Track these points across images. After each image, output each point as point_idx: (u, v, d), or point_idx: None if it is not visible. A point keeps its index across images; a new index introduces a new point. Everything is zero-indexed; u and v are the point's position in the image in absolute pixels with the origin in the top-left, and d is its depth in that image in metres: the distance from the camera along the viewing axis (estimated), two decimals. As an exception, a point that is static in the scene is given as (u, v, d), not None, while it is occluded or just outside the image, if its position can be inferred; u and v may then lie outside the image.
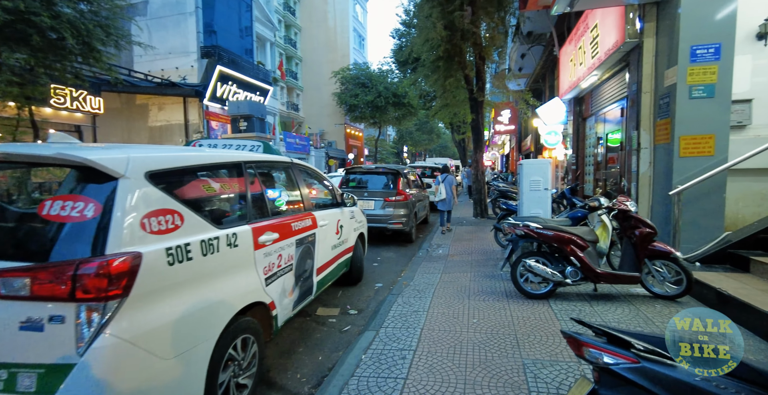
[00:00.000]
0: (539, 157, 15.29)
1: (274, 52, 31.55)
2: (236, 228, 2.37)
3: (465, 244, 7.24)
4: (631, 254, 3.89)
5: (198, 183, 2.25)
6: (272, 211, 2.93)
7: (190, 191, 2.16)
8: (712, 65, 4.41)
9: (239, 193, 2.61)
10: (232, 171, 2.61)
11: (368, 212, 7.30)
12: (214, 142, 3.85)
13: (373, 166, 7.76)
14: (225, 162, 2.51)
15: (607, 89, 7.11)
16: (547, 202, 5.16)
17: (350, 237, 4.63)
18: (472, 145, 10.54)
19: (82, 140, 14.60)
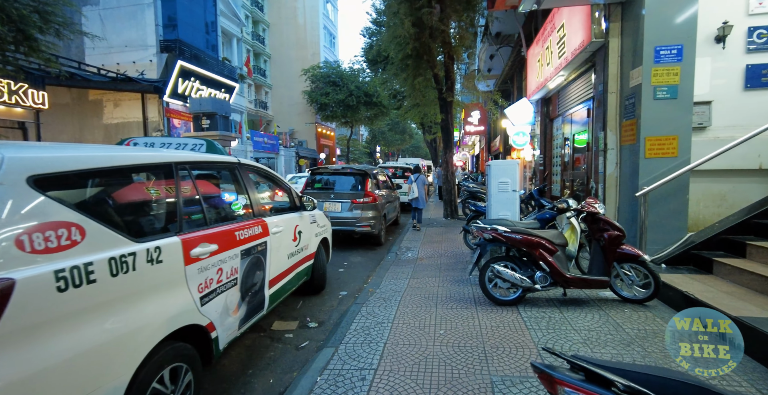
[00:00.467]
0: (508, 158, 15.44)
1: (241, 48, 30.52)
2: (161, 241, 2.02)
3: (434, 246, 7.06)
4: (600, 257, 3.80)
5: (110, 188, 1.89)
6: (211, 219, 2.58)
7: (98, 199, 1.80)
8: (674, 66, 4.41)
9: (167, 199, 2.25)
10: (159, 173, 2.25)
11: (335, 215, 7.00)
12: (152, 139, 3.45)
13: (339, 166, 7.44)
14: (149, 163, 2.15)
15: (573, 90, 7.13)
16: (516, 204, 5.04)
17: (311, 244, 4.32)
18: (442, 145, 10.42)
19: (27, 138, 13.41)
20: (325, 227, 4.83)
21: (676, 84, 4.41)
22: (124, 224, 1.88)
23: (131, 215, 2.02)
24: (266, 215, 3.33)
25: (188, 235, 2.23)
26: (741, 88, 4.79)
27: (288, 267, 3.66)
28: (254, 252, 2.95)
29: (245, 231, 2.84)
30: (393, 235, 8.86)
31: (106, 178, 1.90)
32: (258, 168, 3.50)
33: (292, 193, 4.06)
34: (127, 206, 2.01)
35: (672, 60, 4.39)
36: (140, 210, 2.10)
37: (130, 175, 2.08)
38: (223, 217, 2.82)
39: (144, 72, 17.41)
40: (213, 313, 2.40)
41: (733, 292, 3.44)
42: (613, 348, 2.92)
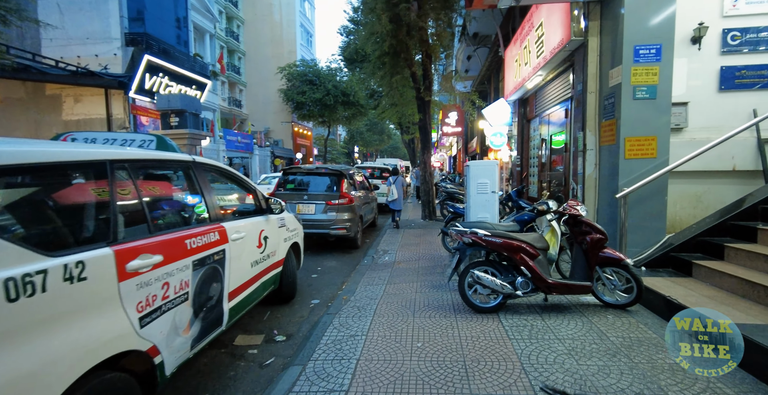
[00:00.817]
0: (485, 159, 15.47)
1: (214, 44, 29.58)
2: (86, 255, 1.69)
3: (412, 249, 6.85)
4: (582, 261, 3.66)
5: (14, 192, 1.55)
6: (157, 226, 2.25)
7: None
8: (653, 66, 4.35)
9: (98, 203, 1.91)
10: (87, 173, 1.91)
11: (308, 217, 6.68)
12: (93, 134, 3.06)
13: (313, 166, 7.13)
14: (74, 161, 1.81)
15: (551, 90, 7.07)
16: (495, 206, 4.89)
17: (279, 250, 4.00)
18: (420, 145, 10.25)
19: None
20: (295, 231, 4.53)
21: (655, 84, 4.35)
22: (31, 235, 1.55)
23: (44, 224, 1.68)
24: (226, 220, 3.01)
25: (124, 246, 1.90)
26: (716, 89, 4.81)
27: (252, 277, 3.34)
28: (210, 262, 2.63)
29: (199, 239, 2.52)
30: (370, 237, 8.61)
31: (9, 179, 1.56)
32: (218, 167, 3.17)
33: (258, 194, 3.74)
34: (39, 213, 1.67)
35: (651, 59, 4.33)
36: (58, 218, 1.75)
37: (47, 174, 1.73)
38: (172, 223, 2.49)
39: (108, 66, 16.46)
40: (157, 335, 2.08)
41: (715, 296, 3.37)
42: (599, 360, 2.77)
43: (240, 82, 34.78)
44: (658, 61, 4.33)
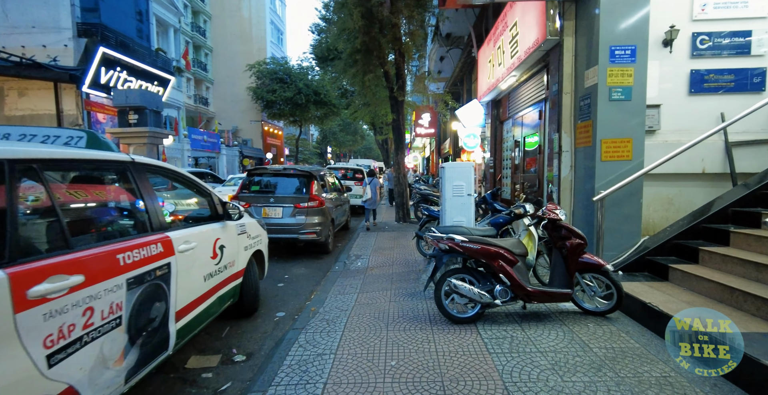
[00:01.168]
0: (458, 160, 15.48)
1: (179, 39, 28.28)
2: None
3: (386, 254, 6.59)
4: (561, 268, 3.52)
5: None
6: (78, 239, 1.87)
7: None
8: (628, 67, 4.30)
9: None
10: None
11: (275, 221, 6.29)
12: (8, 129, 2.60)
13: (280, 167, 6.73)
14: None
15: (525, 91, 7.02)
16: (471, 209, 4.71)
17: (239, 259, 3.64)
18: (394, 146, 10.03)
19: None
20: (258, 238, 4.16)
21: (630, 85, 4.30)
22: None
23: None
24: (173, 228, 2.63)
25: (25, 266, 1.52)
26: (686, 92, 4.84)
27: (205, 292, 2.97)
28: (151, 279, 2.26)
29: (136, 253, 2.15)
30: (343, 241, 8.28)
31: None
32: (164, 168, 2.78)
33: (213, 198, 3.36)
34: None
35: (626, 60, 4.28)
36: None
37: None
38: (102, 235, 2.11)
39: (57, 58, 15.26)
40: (75, 373, 1.71)
41: (694, 302, 3.30)
42: (584, 375, 2.60)
43: (207, 79, 33.46)
44: (633, 62, 4.28)
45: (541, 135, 6.40)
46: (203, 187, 3.30)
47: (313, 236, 6.36)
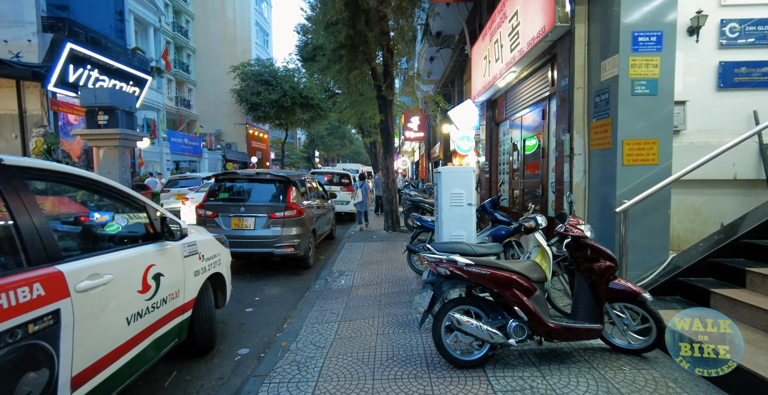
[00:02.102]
0: (449, 165, 14.88)
1: (159, 39, 27.26)
2: None
3: (374, 269, 5.87)
4: (587, 296, 2.85)
5: None
6: None
7: None
8: (654, 56, 3.71)
9: None
10: None
11: (246, 233, 5.52)
12: None
13: (253, 171, 5.96)
14: None
15: (525, 89, 6.42)
16: (472, 221, 4.03)
17: (186, 288, 2.88)
18: (382, 149, 9.34)
19: None
20: (215, 258, 3.40)
21: (656, 77, 3.71)
22: None
23: None
24: (71, 258, 1.88)
25: None
26: (714, 87, 4.28)
27: (130, 339, 2.21)
28: (20, 339, 1.50)
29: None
30: (326, 253, 7.53)
31: None
32: (57, 173, 2.02)
33: (149, 213, 2.60)
34: None
35: (651, 49, 3.69)
36: None
37: None
38: None
39: (20, 54, 14.21)
40: None
41: (756, 341, 2.67)
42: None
43: (189, 80, 32.42)
44: (659, 51, 3.69)
45: (544, 136, 5.80)
46: (134, 197, 2.55)
47: (291, 250, 5.60)
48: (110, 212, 2.46)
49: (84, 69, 15.69)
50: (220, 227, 5.56)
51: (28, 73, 13.70)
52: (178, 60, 31.17)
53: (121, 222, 2.40)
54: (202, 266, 3.16)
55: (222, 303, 3.70)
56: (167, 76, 28.91)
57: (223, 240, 3.76)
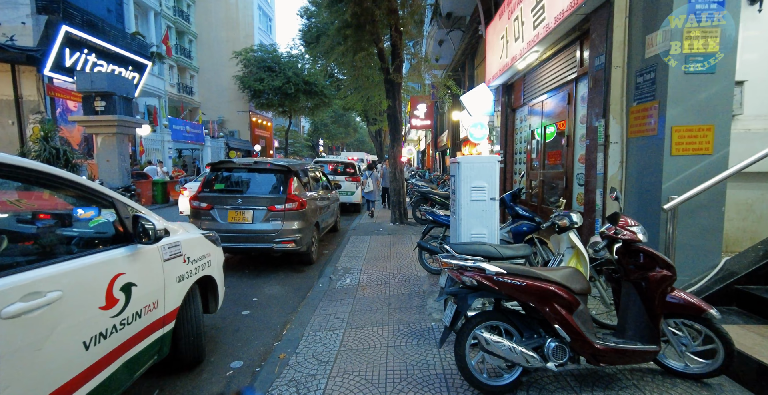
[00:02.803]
0: (458, 154, 14.33)
1: (159, 23, 26.64)
2: None
3: (381, 265, 5.46)
4: (639, 311, 2.41)
5: None
6: None
7: None
8: (713, 27, 3.17)
9: None
10: None
11: (245, 228, 5.11)
12: None
13: (251, 160, 5.50)
14: None
15: (548, 71, 5.87)
16: (495, 218, 3.57)
17: (168, 297, 2.46)
18: (389, 137, 8.83)
19: None
20: (204, 260, 2.98)
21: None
22: None
23: None
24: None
25: None
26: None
27: (90, 366, 1.80)
28: None
29: None
30: (330, 246, 7.13)
31: None
32: None
33: (117, 209, 2.17)
34: None
35: (710, 18, 3.15)
36: None
37: None
38: None
39: (14, 37, 13.71)
40: None
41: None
42: None
43: (191, 66, 31.80)
44: (720, 21, 3.15)
45: (569, 123, 5.27)
46: (99, 192, 2.11)
47: (292, 245, 5.19)
48: (69, 210, 2.03)
49: (81, 53, 15.18)
50: (216, 220, 5.15)
51: (21, 57, 13.22)
52: (180, 45, 30.50)
53: (80, 222, 1.97)
54: (188, 270, 2.74)
55: (213, 309, 3.31)
56: (168, 62, 28.29)
57: (214, 237, 3.34)
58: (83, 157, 15.16)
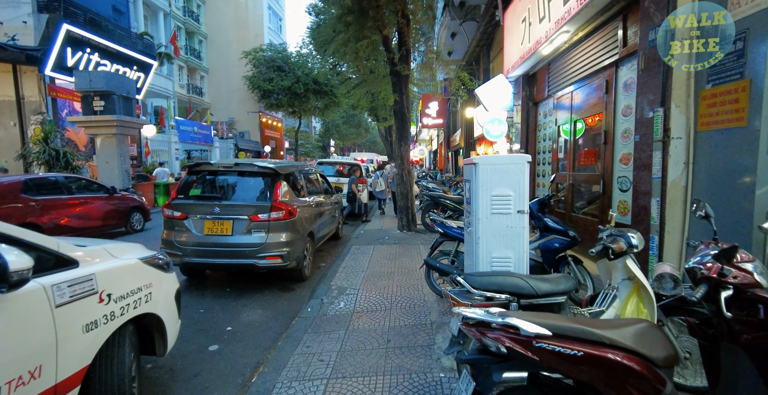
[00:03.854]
0: (472, 154, 13.44)
1: (169, 24, 26.40)
2: None
3: (383, 286, 4.67)
4: (755, 390, 1.56)
5: None
6: None
7: None
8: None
9: None
10: None
11: (223, 241, 4.40)
12: None
13: (231, 161, 4.77)
14: None
15: (578, 56, 5.00)
16: (524, 237, 2.75)
17: (63, 357, 1.74)
18: (396, 135, 8.04)
19: None
20: (138, 295, 2.26)
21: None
22: None
23: None
24: None
25: None
26: None
27: None
28: None
29: None
30: (328, 258, 6.38)
31: None
32: None
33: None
34: None
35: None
36: None
37: None
38: None
39: (16, 36, 13.41)
40: None
41: None
42: None
43: (201, 67, 31.59)
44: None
45: (607, 116, 4.41)
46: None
47: (278, 261, 4.45)
48: None
49: (83, 52, 14.83)
50: (191, 232, 4.45)
51: (21, 57, 12.88)
52: (190, 46, 30.31)
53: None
54: (108, 312, 2.01)
55: (161, 352, 2.58)
56: (178, 63, 28.08)
57: (161, 262, 2.61)
58: (85, 159, 14.79)
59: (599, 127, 4.61)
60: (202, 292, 4.70)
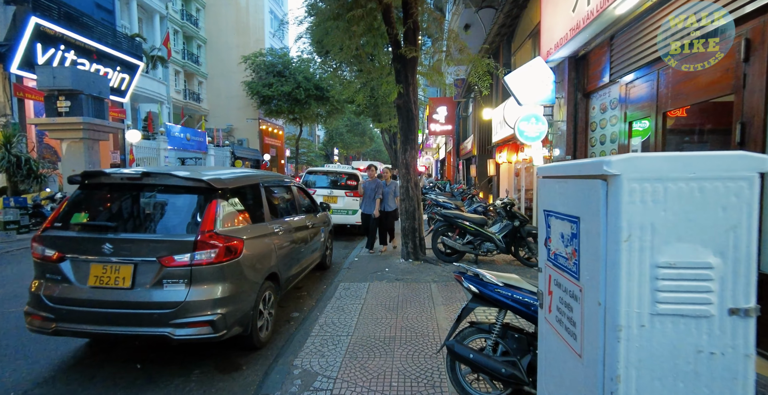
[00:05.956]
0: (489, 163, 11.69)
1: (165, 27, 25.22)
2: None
3: (376, 368, 2.92)
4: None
5: None
6: None
7: None
8: None
9: None
10: None
11: (115, 297, 2.69)
12: None
13: (139, 170, 3.04)
14: None
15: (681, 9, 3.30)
16: (748, 386, 1.06)
17: None
18: (400, 139, 6.35)
19: None
20: None
21: None
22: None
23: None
24: None
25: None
26: None
27: None
28: None
29: None
30: (304, 301, 4.65)
31: None
32: None
33: None
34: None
35: None
36: None
37: None
38: None
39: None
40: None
41: None
42: None
43: (199, 72, 30.44)
44: None
45: (747, 98, 2.69)
46: None
47: (206, 330, 2.74)
48: None
49: (56, 49, 13.44)
50: (69, 281, 2.76)
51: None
52: (188, 51, 29.20)
53: None
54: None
55: None
56: (175, 68, 26.91)
57: None
58: (52, 167, 13.28)
59: (726, 117, 2.88)
60: (94, 372, 2.97)
